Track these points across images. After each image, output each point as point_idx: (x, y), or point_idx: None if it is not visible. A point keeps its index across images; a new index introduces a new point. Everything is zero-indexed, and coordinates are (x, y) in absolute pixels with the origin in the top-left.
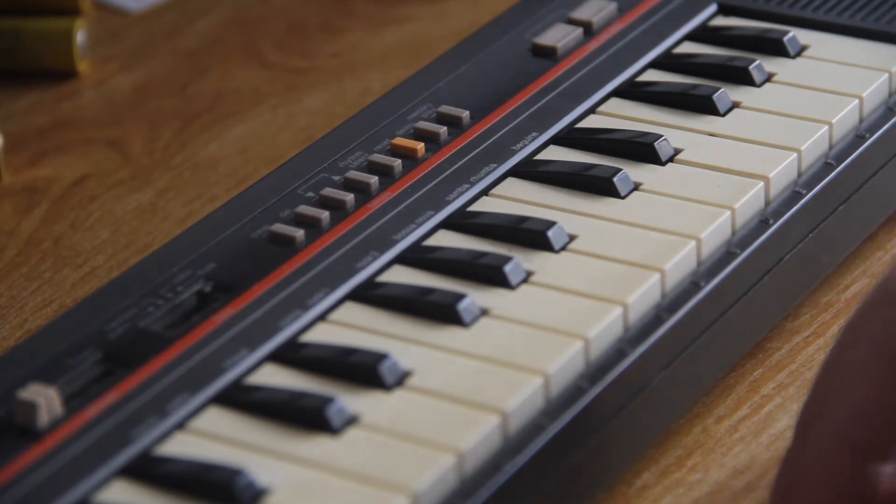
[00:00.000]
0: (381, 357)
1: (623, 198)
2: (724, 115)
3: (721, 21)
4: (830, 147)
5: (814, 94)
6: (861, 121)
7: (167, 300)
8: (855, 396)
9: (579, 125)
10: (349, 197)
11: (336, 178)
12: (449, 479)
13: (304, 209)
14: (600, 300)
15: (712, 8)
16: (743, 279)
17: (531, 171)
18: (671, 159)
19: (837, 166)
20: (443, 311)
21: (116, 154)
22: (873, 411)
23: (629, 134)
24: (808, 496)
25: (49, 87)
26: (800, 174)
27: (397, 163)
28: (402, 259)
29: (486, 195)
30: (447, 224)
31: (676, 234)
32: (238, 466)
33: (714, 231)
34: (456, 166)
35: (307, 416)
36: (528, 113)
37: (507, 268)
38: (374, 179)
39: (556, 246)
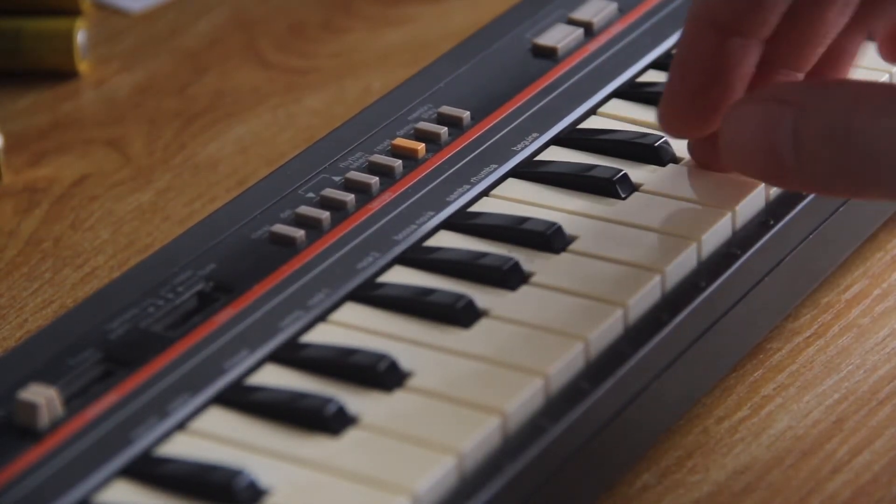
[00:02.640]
0: (381, 357)
1: (624, 199)
2: None
3: None
4: None
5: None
6: None
7: (168, 301)
8: None
9: (580, 126)
10: (350, 197)
11: (337, 178)
12: (449, 480)
13: (304, 210)
14: (601, 301)
15: None
16: (743, 280)
17: (532, 171)
18: (672, 160)
19: None
20: (443, 312)
21: (117, 154)
22: None
23: (630, 135)
24: (683, 77)
25: (49, 87)
26: None
27: (398, 163)
28: (402, 260)
29: (487, 196)
30: (448, 225)
31: (677, 236)
32: (238, 467)
33: (714, 232)
34: (456, 167)
35: (307, 417)
36: (528, 113)
37: (508, 268)
38: (374, 180)
39: (557, 247)
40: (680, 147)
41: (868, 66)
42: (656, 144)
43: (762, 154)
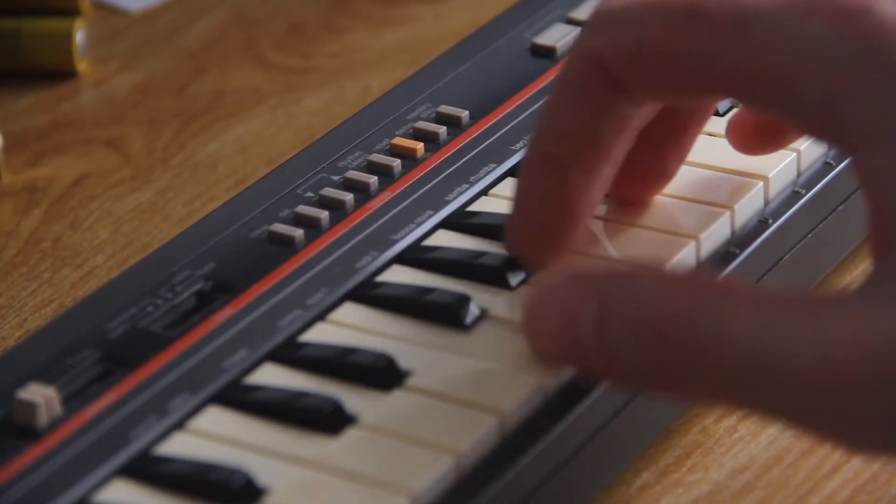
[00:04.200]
0: (380, 357)
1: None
2: (724, 115)
3: None
4: (830, 148)
5: None
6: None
7: (167, 300)
8: (555, 112)
9: None
10: (349, 197)
11: (335, 177)
12: (448, 480)
13: (303, 209)
14: None
15: None
16: (743, 279)
17: None
18: None
19: (836, 166)
20: (442, 312)
21: (116, 154)
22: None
23: None
24: (525, 210)
25: (49, 87)
26: (799, 174)
27: (397, 163)
28: (401, 259)
29: (486, 195)
30: (446, 224)
31: (676, 234)
32: (237, 466)
33: (713, 231)
34: (455, 166)
35: (306, 416)
36: (527, 113)
37: (507, 268)
38: (373, 179)
39: None
40: None
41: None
42: None
43: (565, 342)
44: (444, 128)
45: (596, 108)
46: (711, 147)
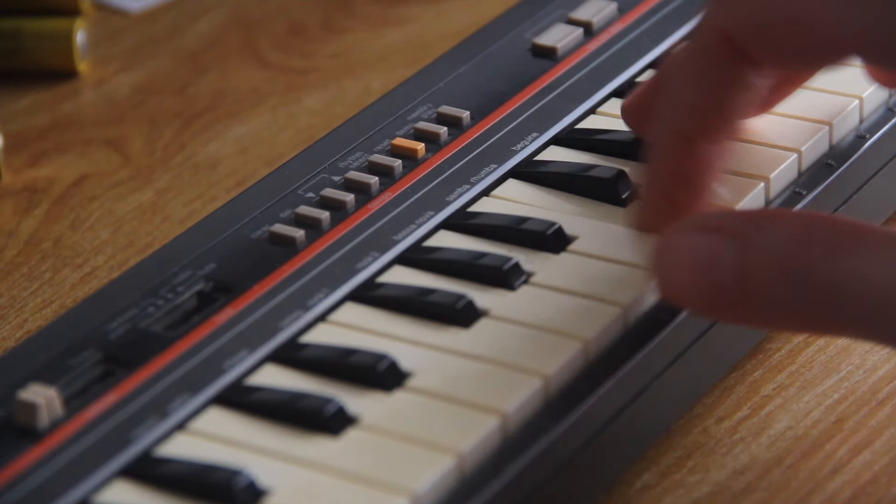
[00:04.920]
0: (381, 358)
1: (624, 199)
2: None
3: None
4: (830, 148)
5: (814, 95)
6: (861, 121)
7: (167, 300)
8: (682, 89)
9: (580, 126)
10: (349, 197)
11: (336, 178)
12: (449, 481)
13: (304, 209)
14: (601, 301)
15: None
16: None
17: (531, 171)
18: None
19: (838, 167)
20: (443, 312)
21: (116, 154)
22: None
23: (629, 135)
24: (655, 185)
25: (49, 87)
26: (800, 175)
27: (397, 163)
28: (402, 259)
29: (487, 196)
30: (447, 225)
31: None
32: (238, 467)
33: None
34: (456, 167)
35: (307, 417)
36: (528, 113)
37: (507, 268)
38: (374, 180)
39: (556, 247)
40: None
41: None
42: None
43: (702, 287)
44: (445, 128)
45: (724, 81)
46: None
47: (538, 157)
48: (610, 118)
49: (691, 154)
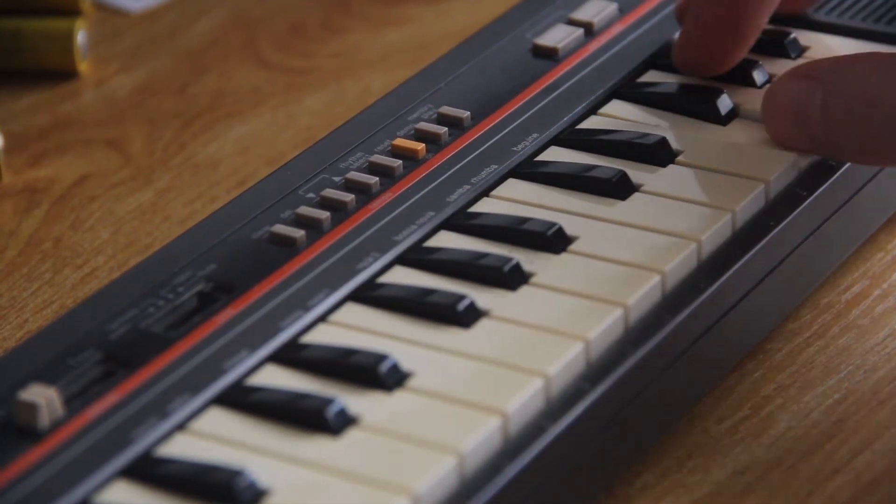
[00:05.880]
0: (381, 358)
1: (624, 199)
2: (725, 122)
3: None
4: None
5: None
6: None
7: (168, 301)
8: None
9: (580, 126)
10: (350, 198)
11: (337, 178)
12: (449, 481)
13: (304, 210)
14: (601, 301)
15: None
16: (743, 281)
17: (532, 171)
18: (672, 161)
19: (838, 168)
20: (444, 312)
21: (116, 154)
22: None
23: (630, 135)
24: (698, 23)
25: (49, 87)
26: (800, 175)
27: (398, 164)
28: (402, 260)
29: (487, 196)
30: (448, 225)
31: (677, 236)
32: (239, 467)
33: (715, 233)
34: (457, 167)
35: (308, 417)
36: (528, 114)
37: (508, 269)
38: (374, 180)
39: (557, 247)
40: (680, 148)
41: None
42: (656, 144)
43: (796, 126)
44: (446, 129)
45: None
46: (713, 149)
47: (539, 158)
48: (610, 118)
49: (737, 4)
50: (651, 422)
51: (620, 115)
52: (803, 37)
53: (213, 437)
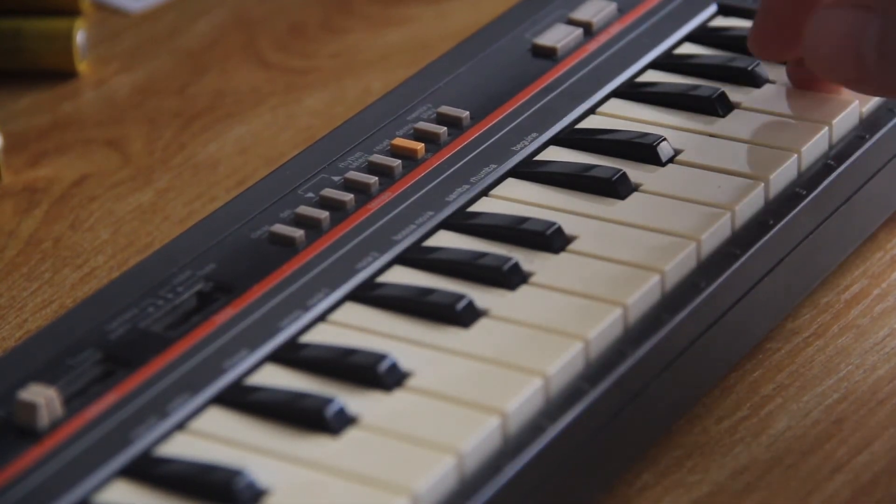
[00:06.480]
0: (381, 358)
1: (623, 199)
2: (724, 116)
3: (721, 22)
4: (830, 148)
5: (814, 95)
6: (861, 122)
7: (167, 300)
8: None
9: (579, 126)
10: (349, 197)
11: (336, 178)
12: (449, 480)
13: (304, 210)
14: (600, 301)
15: (712, 9)
16: (743, 280)
17: (531, 171)
18: (671, 160)
19: (837, 167)
20: (443, 312)
21: (116, 154)
22: None
23: (629, 135)
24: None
25: (49, 87)
26: (800, 175)
27: (397, 163)
28: (402, 259)
29: (486, 196)
30: (447, 224)
31: (677, 235)
32: (238, 467)
33: (714, 232)
34: (456, 167)
35: (307, 417)
36: (528, 113)
37: (507, 268)
38: (374, 180)
39: (556, 247)
40: (680, 147)
41: None
42: (655, 144)
43: (846, 59)
44: (445, 128)
45: None
46: (712, 148)
47: (538, 157)
48: (610, 118)
49: None
50: (650, 422)
51: (620, 115)
52: None
53: (212, 437)
